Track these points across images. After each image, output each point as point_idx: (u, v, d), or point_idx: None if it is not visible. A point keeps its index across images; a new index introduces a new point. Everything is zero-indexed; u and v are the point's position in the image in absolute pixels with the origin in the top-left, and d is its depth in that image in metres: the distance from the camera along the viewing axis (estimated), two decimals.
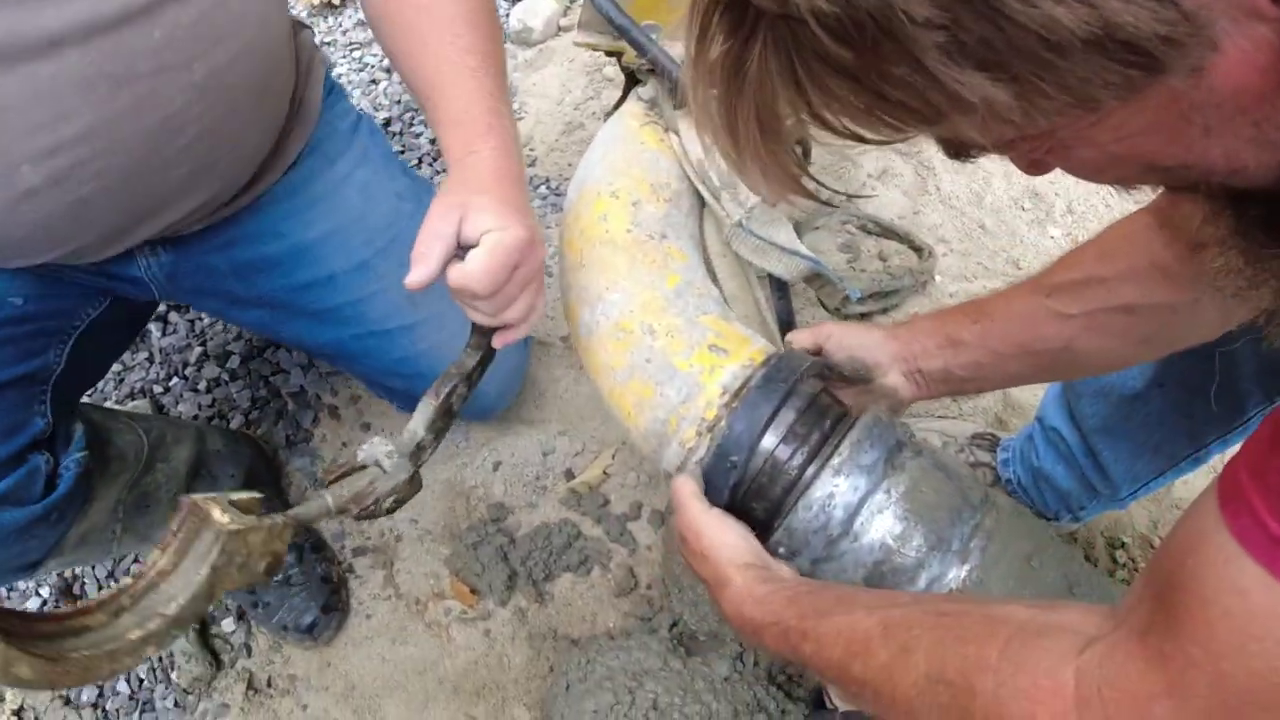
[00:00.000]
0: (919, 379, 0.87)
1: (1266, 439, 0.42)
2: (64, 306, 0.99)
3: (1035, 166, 0.46)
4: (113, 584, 0.80)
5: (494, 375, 1.14)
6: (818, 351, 0.89)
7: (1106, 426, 1.00)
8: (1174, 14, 0.33)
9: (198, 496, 0.61)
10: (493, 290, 0.77)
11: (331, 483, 0.75)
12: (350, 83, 1.97)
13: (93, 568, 1.31)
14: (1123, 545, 1.22)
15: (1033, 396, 1.39)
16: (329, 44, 2.10)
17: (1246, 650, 0.41)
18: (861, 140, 0.41)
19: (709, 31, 0.40)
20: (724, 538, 0.76)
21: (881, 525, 0.77)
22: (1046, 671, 0.49)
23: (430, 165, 1.76)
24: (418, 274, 0.76)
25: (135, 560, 1.29)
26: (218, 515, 0.60)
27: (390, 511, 0.78)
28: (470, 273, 0.76)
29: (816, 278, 1.02)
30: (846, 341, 0.88)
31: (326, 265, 1.09)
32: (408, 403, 1.29)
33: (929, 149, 1.70)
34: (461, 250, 0.77)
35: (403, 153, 1.79)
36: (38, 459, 0.89)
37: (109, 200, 0.86)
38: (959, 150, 0.45)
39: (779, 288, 1.11)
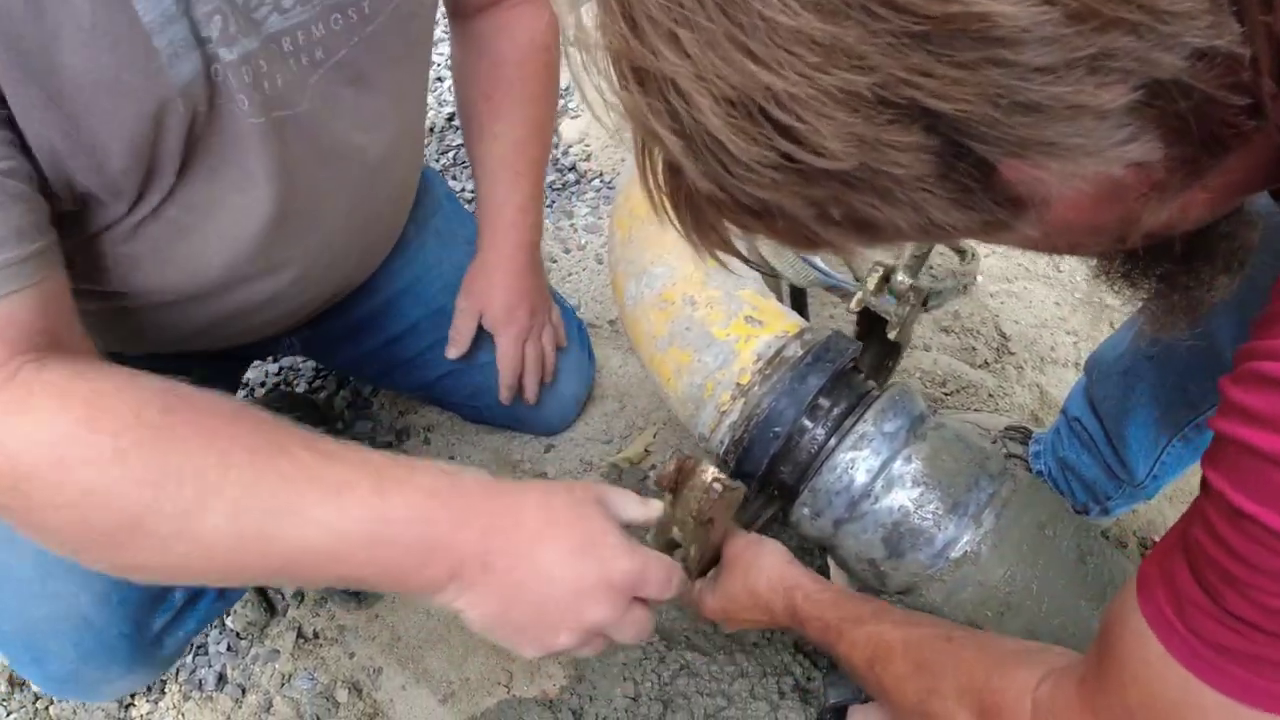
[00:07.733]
0: None
1: (1172, 537, 0.49)
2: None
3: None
4: None
5: (555, 404, 1.36)
6: None
7: (1118, 408, 1.04)
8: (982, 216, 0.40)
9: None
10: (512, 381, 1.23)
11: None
12: None
13: None
14: (1155, 544, 1.23)
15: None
16: None
17: (1151, 708, 0.49)
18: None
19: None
20: (767, 560, 0.85)
21: (901, 489, 0.81)
22: (1015, 697, 0.60)
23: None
24: (452, 353, 1.21)
25: None
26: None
27: None
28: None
29: (833, 288, 1.06)
30: None
31: (410, 315, 1.22)
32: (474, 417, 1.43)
33: None
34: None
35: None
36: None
37: (307, 294, 1.01)
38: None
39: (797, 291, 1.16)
